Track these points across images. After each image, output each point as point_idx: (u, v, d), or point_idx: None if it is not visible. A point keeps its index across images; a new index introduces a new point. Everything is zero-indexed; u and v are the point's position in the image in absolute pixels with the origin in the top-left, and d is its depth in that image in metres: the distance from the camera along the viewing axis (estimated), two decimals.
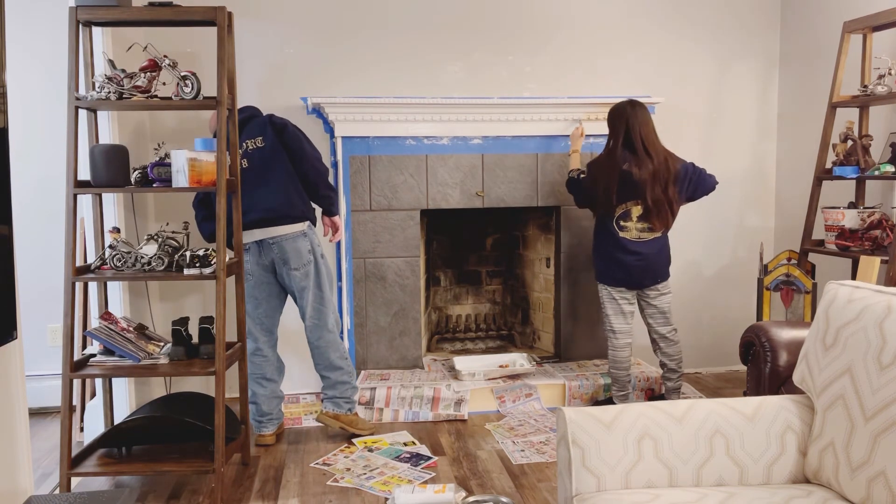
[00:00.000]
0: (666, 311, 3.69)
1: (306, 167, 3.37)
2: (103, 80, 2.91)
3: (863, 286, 1.91)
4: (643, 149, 3.47)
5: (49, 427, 3.79)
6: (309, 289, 3.37)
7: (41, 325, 4.03)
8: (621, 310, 3.67)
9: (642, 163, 3.46)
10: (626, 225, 3.55)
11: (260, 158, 3.34)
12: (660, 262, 3.61)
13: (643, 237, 3.56)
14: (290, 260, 3.30)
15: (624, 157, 3.49)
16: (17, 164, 3.31)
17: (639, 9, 4.32)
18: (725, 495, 1.77)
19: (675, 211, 3.55)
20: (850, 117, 3.75)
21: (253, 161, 3.34)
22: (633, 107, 3.53)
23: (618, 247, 3.57)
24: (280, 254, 3.32)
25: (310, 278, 3.36)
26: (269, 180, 3.32)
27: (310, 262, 3.36)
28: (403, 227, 4.13)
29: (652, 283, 3.63)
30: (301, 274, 3.34)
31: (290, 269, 3.32)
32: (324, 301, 3.41)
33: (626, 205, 3.53)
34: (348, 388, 3.50)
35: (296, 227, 3.34)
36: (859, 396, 1.75)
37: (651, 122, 3.54)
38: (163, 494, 2.99)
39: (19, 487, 2.31)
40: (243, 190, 3.28)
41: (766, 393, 2.71)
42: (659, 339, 3.72)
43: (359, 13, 4.10)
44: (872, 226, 3.44)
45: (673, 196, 3.50)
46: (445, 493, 2.72)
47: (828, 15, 4.06)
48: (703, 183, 3.62)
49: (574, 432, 1.87)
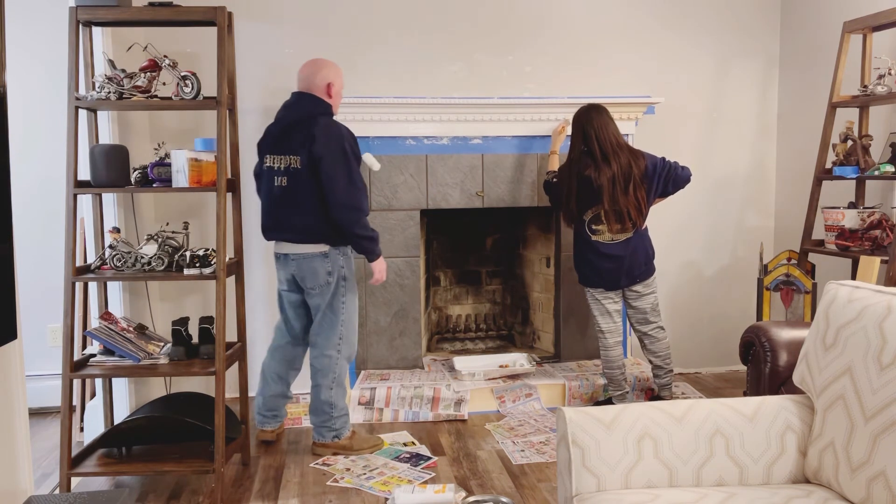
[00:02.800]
0: (647, 311, 3.69)
1: (335, 214, 3.09)
2: (103, 80, 2.91)
3: (863, 286, 1.91)
4: (600, 154, 3.48)
5: (49, 427, 3.79)
6: (321, 309, 3.26)
7: (41, 325, 4.03)
8: (606, 310, 3.68)
9: (600, 168, 3.47)
10: (598, 228, 3.56)
11: (296, 181, 3.11)
12: (636, 261, 3.60)
13: (617, 238, 3.56)
14: (307, 279, 3.21)
15: (585, 163, 3.51)
16: (17, 164, 3.31)
17: (639, 9, 4.32)
18: (725, 495, 1.77)
19: (644, 210, 3.54)
20: (850, 117, 3.75)
21: (290, 181, 3.12)
22: (589, 112, 3.54)
23: (591, 250, 3.59)
24: (298, 272, 3.21)
25: (324, 299, 3.23)
26: (300, 202, 3.13)
27: (327, 284, 3.21)
28: (403, 227, 4.13)
29: (630, 283, 3.62)
30: (316, 293, 3.23)
31: (307, 287, 3.24)
32: (333, 325, 3.25)
33: (594, 209, 3.54)
34: (329, 419, 3.30)
35: (316, 248, 3.18)
36: (859, 396, 1.75)
37: (611, 125, 3.52)
38: (163, 494, 2.99)
39: (19, 487, 2.31)
40: (275, 204, 3.17)
41: (766, 393, 2.71)
42: (643, 337, 3.74)
43: (359, 13, 4.10)
44: (872, 226, 3.44)
45: (640, 196, 3.49)
46: (445, 493, 2.72)
47: (828, 15, 4.06)
48: (676, 177, 3.59)
49: (574, 432, 1.87)
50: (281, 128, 3.18)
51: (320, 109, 3.17)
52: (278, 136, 3.17)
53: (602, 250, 3.56)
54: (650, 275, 3.66)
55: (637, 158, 3.51)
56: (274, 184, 3.17)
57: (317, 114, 3.15)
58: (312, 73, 3.20)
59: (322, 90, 3.20)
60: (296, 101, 3.21)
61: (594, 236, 3.57)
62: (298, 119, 3.14)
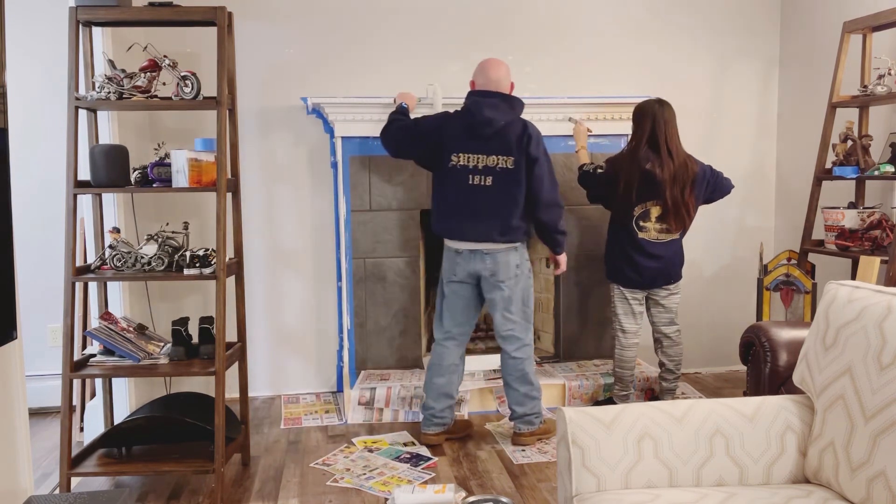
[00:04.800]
0: (673, 310, 3.69)
1: (542, 212, 3.26)
2: (103, 80, 2.91)
3: (863, 286, 1.91)
4: (666, 149, 3.46)
5: (49, 427, 3.79)
6: (512, 301, 3.30)
7: (41, 325, 4.03)
8: (632, 310, 3.67)
9: (664, 163, 3.44)
10: (646, 225, 3.54)
11: (504, 181, 3.20)
12: (675, 264, 3.61)
13: (661, 238, 3.55)
14: (500, 272, 3.25)
15: (647, 156, 3.47)
16: (17, 165, 3.31)
17: (639, 9, 4.32)
18: (725, 495, 1.77)
19: (692, 213, 3.54)
20: (850, 117, 3.75)
21: (497, 181, 3.20)
22: (660, 105, 3.51)
23: (635, 247, 3.55)
24: (493, 265, 3.24)
25: (513, 290, 3.30)
26: (507, 202, 3.21)
27: (516, 277, 3.29)
28: (403, 227, 4.13)
29: (664, 283, 3.62)
30: (506, 285, 3.28)
31: (497, 281, 3.26)
32: (527, 315, 3.37)
33: (645, 205, 3.51)
34: (536, 405, 3.40)
35: (511, 244, 3.27)
36: (859, 396, 1.75)
37: (675, 123, 3.51)
38: (163, 494, 2.99)
39: (19, 487, 2.31)
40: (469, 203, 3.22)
41: (766, 393, 2.71)
42: (662, 339, 3.72)
43: (359, 13, 4.10)
44: (872, 226, 3.44)
45: (690, 199, 3.49)
46: (445, 494, 2.72)
47: (828, 15, 4.06)
48: (721, 186, 3.64)
49: (574, 432, 1.87)
50: (495, 129, 3.20)
51: (521, 110, 3.28)
52: (486, 137, 3.20)
53: (648, 249, 3.54)
54: (680, 278, 3.67)
55: (692, 161, 3.50)
56: (469, 182, 3.22)
57: (521, 115, 3.28)
58: (505, 74, 3.29)
59: (508, 90, 3.29)
60: (503, 103, 3.24)
61: (641, 233, 3.54)
62: (511, 120, 3.22)
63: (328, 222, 4.18)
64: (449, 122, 3.28)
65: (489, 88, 3.25)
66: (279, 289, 4.19)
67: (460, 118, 3.27)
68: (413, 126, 3.38)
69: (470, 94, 3.29)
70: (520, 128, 3.22)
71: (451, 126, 3.26)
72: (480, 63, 3.32)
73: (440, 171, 3.29)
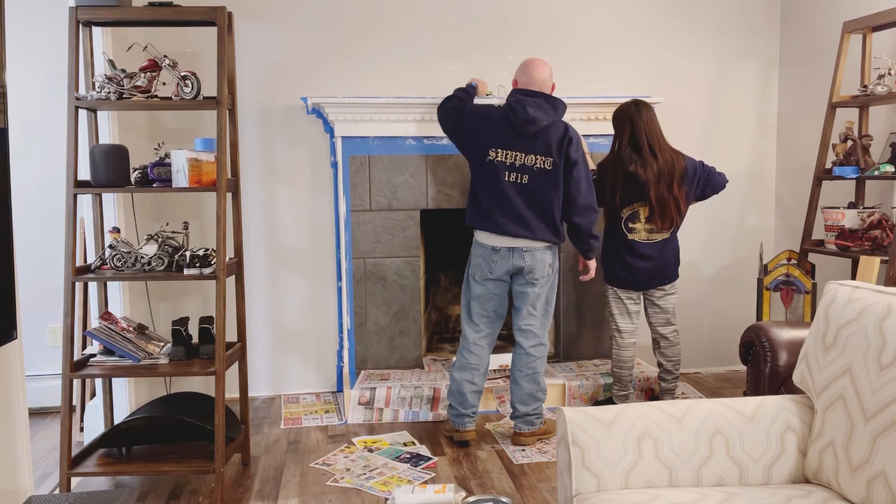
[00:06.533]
0: (669, 311, 3.69)
1: (578, 215, 3.29)
2: (103, 80, 2.91)
3: (863, 286, 1.91)
4: (648, 149, 3.47)
5: (49, 427, 3.79)
6: (540, 298, 3.32)
7: (41, 325, 4.03)
8: (627, 310, 3.68)
9: (647, 163, 3.46)
10: (635, 227, 3.55)
11: (541, 181, 3.22)
12: (668, 264, 3.61)
13: (652, 238, 3.55)
14: (536, 270, 3.26)
15: (630, 158, 3.49)
16: (17, 164, 3.31)
17: (639, 9, 4.32)
18: (725, 495, 1.77)
19: (683, 210, 3.55)
20: (850, 117, 3.75)
21: (533, 180, 3.22)
22: (637, 107, 3.53)
23: (627, 249, 3.56)
24: (531, 263, 3.25)
25: (544, 288, 3.32)
26: (543, 202, 3.24)
27: (548, 276, 3.32)
28: (403, 227, 4.13)
29: (659, 284, 3.63)
30: (539, 284, 3.30)
31: (531, 278, 3.28)
32: (548, 313, 3.39)
33: (633, 206, 3.52)
34: (540, 406, 3.42)
35: (546, 243, 3.29)
36: (859, 396, 1.75)
37: (656, 121, 3.53)
38: (163, 494, 2.99)
39: (19, 487, 2.31)
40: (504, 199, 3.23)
41: (766, 393, 2.71)
42: (660, 339, 3.73)
43: (359, 13, 4.10)
44: (872, 226, 3.44)
45: (679, 195, 3.49)
46: (445, 493, 2.72)
47: (828, 15, 4.06)
48: (714, 182, 3.63)
49: (574, 432, 1.87)
50: (538, 129, 3.21)
51: (563, 112, 3.31)
52: (527, 136, 3.21)
53: (639, 250, 3.55)
54: (676, 278, 3.67)
55: (678, 158, 3.51)
56: (505, 179, 3.23)
57: (562, 116, 3.30)
58: (549, 75, 3.30)
59: (550, 91, 3.30)
60: (547, 103, 3.25)
61: (630, 235, 3.55)
62: (554, 121, 3.24)
63: (328, 222, 4.18)
64: (490, 116, 3.30)
65: (533, 88, 3.26)
66: (279, 289, 4.19)
67: (503, 114, 3.28)
68: (461, 109, 3.41)
69: (514, 93, 3.29)
70: (562, 130, 3.24)
71: (492, 121, 3.28)
72: (524, 62, 3.32)
73: (479, 164, 3.31)
